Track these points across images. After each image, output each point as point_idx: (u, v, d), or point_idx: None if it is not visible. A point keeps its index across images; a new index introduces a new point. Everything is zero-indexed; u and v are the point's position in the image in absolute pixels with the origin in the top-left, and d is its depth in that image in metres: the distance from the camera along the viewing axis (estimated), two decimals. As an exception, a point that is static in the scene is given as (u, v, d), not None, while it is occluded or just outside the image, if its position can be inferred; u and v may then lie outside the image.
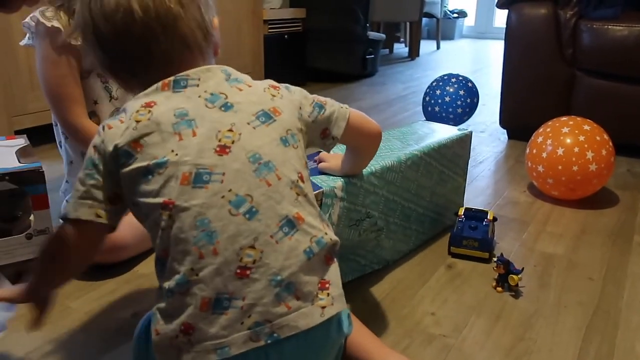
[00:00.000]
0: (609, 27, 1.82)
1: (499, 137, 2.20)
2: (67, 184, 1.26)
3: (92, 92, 1.17)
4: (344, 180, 0.94)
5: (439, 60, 4.65)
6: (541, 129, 1.53)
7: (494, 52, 5.16)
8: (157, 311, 0.61)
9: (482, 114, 2.52)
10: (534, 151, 1.50)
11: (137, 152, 0.62)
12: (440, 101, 2.20)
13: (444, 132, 1.26)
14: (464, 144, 1.28)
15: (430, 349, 0.89)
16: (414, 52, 4.63)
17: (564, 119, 1.51)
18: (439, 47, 5.34)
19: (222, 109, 0.65)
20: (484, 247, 1.17)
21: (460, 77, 2.25)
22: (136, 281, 1.07)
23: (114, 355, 0.86)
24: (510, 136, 2.19)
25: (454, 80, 2.23)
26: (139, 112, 0.64)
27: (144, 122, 0.63)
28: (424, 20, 5.15)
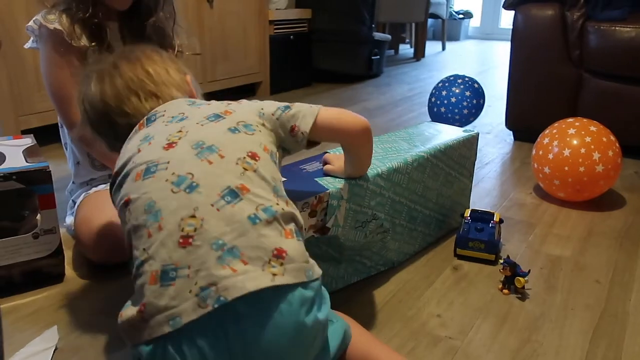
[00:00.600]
0: (617, 28, 1.81)
1: (505, 138, 2.19)
2: (73, 184, 1.27)
3: None
4: (350, 182, 0.94)
5: (445, 61, 4.65)
6: (547, 131, 1.53)
7: (499, 53, 5.15)
8: (129, 301, 0.65)
9: (488, 115, 2.51)
10: (540, 152, 1.49)
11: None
12: (446, 102, 2.19)
13: (450, 134, 1.26)
14: (470, 145, 1.28)
15: (436, 351, 0.88)
16: (419, 53, 4.63)
17: (570, 120, 1.50)
18: (444, 48, 5.34)
19: (178, 122, 0.74)
20: (490, 249, 1.16)
21: (466, 78, 2.25)
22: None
23: (121, 355, 0.86)
24: (516, 138, 2.18)
25: (460, 81, 2.23)
26: None
27: None
28: (430, 21, 5.15)
